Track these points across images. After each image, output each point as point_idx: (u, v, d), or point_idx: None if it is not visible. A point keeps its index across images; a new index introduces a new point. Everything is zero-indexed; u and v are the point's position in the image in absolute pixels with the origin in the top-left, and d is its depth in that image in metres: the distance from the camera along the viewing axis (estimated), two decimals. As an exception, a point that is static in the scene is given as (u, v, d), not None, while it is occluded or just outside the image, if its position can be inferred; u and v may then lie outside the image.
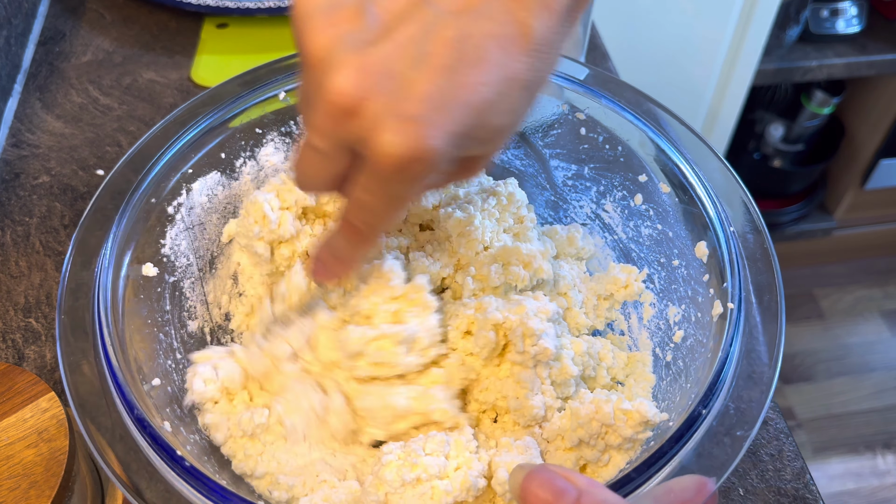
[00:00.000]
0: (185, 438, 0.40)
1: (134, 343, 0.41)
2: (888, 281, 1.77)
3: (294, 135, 0.52)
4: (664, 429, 0.40)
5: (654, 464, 0.35)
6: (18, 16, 0.74)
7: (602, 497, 0.28)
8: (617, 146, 0.51)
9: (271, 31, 0.78)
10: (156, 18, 0.80)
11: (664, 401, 0.43)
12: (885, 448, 1.50)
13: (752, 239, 0.44)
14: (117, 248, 0.43)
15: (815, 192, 1.70)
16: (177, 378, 0.43)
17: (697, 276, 0.45)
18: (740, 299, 0.41)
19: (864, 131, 1.57)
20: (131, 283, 0.43)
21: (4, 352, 0.54)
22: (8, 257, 0.59)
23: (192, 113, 0.49)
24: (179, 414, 0.42)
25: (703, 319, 0.43)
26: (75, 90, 0.72)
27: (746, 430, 0.37)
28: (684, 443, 0.36)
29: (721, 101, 1.31)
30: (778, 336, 0.40)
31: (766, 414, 0.37)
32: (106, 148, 0.67)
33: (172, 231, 0.47)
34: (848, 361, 1.63)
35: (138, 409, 0.37)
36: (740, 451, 0.36)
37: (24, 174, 0.65)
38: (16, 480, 0.37)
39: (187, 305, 0.47)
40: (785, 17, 1.29)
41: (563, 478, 0.29)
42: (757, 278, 0.43)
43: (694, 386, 0.40)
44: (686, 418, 0.36)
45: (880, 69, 1.38)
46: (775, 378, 0.39)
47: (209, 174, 0.49)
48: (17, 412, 0.40)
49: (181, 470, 0.35)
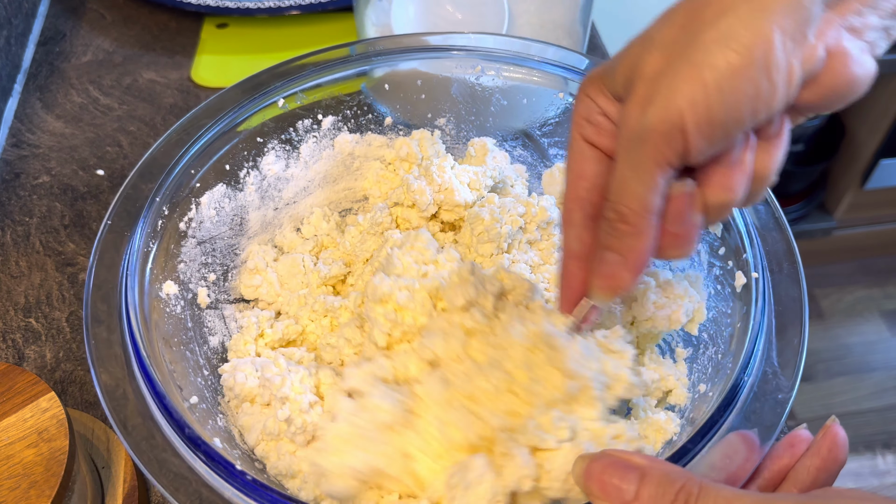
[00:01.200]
0: (232, 453, 0.40)
1: (168, 361, 0.41)
2: (888, 281, 1.77)
3: (294, 141, 0.52)
4: (703, 400, 0.41)
5: (707, 433, 0.36)
6: (19, 16, 0.74)
7: (665, 470, 0.29)
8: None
9: (271, 31, 0.78)
10: (156, 18, 0.80)
11: (695, 372, 0.45)
12: (885, 448, 1.50)
13: (763, 210, 0.46)
14: (139, 266, 0.42)
15: (815, 192, 1.70)
16: (209, 395, 0.43)
17: (712, 250, 0.46)
18: (762, 268, 0.42)
19: (863, 131, 1.57)
20: (154, 302, 0.43)
21: (4, 352, 0.54)
22: (8, 257, 0.59)
23: (195, 123, 0.49)
24: (218, 429, 0.42)
25: (723, 291, 0.45)
26: (75, 90, 0.72)
27: (786, 393, 0.38)
28: (732, 409, 0.37)
29: (721, 101, 1.31)
30: (801, 300, 0.41)
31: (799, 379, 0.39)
32: (106, 148, 0.67)
33: (186, 246, 0.47)
34: (848, 361, 1.63)
35: (190, 429, 0.36)
36: (784, 412, 0.37)
37: (24, 174, 0.65)
38: (16, 480, 0.37)
39: (206, 321, 0.47)
40: (785, 17, 1.29)
41: (625, 459, 0.30)
42: (773, 247, 0.44)
43: (726, 356, 0.42)
44: (731, 385, 0.38)
45: (880, 69, 1.38)
46: (804, 342, 0.40)
47: (215, 187, 0.49)
48: (17, 412, 0.40)
49: (241, 484, 0.34)
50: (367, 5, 0.62)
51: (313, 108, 0.52)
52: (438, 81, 0.54)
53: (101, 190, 0.64)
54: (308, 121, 0.52)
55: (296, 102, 0.51)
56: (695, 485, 0.28)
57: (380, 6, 0.62)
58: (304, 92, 0.51)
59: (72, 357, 0.53)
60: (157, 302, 0.43)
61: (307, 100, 0.52)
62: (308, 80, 0.51)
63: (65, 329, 0.55)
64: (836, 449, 0.34)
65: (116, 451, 0.47)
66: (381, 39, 0.54)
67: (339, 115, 0.53)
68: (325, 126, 0.53)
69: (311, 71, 0.51)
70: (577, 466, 0.31)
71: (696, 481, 0.28)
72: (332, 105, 0.53)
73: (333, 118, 0.53)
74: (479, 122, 0.55)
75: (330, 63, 0.52)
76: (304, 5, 0.76)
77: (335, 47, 0.53)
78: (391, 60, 0.53)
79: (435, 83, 0.54)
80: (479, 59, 0.52)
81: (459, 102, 0.55)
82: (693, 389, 0.44)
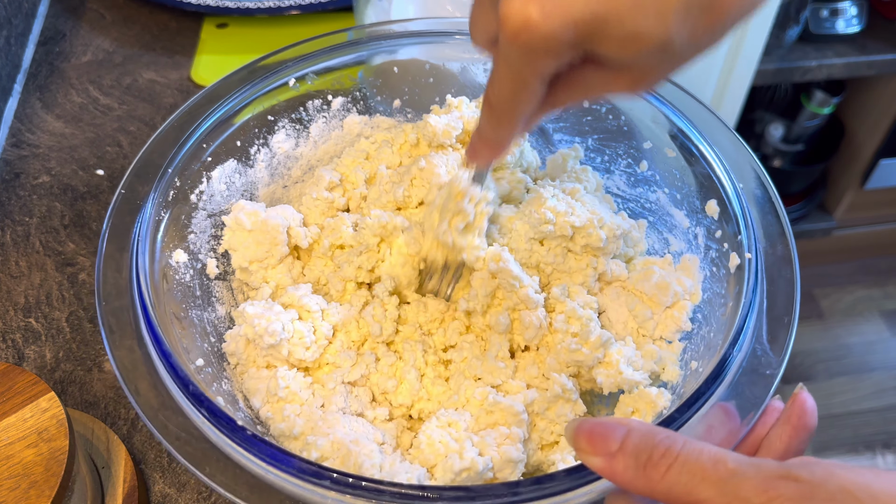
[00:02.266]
0: (235, 414, 0.41)
1: (175, 327, 0.43)
2: (888, 281, 1.77)
3: (304, 121, 0.53)
4: (694, 376, 0.43)
5: (694, 404, 0.37)
6: (18, 16, 0.74)
7: (650, 426, 0.30)
8: (620, 116, 0.52)
9: (271, 31, 0.78)
10: (156, 18, 0.80)
11: (688, 351, 0.46)
12: (885, 448, 1.50)
13: (759, 194, 0.47)
14: (149, 234, 0.44)
15: (815, 192, 1.70)
16: (214, 360, 0.44)
17: (709, 233, 0.47)
18: (756, 249, 0.43)
19: (863, 131, 1.57)
20: (163, 269, 0.44)
21: (4, 352, 0.54)
22: (8, 257, 0.59)
23: (209, 101, 0.50)
24: (222, 391, 0.43)
25: (717, 273, 0.46)
26: (75, 90, 0.72)
27: (774, 370, 0.39)
28: (720, 382, 0.38)
29: (721, 101, 1.31)
30: (794, 280, 0.43)
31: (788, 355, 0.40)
32: (106, 148, 0.67)
33: (196, 218, 0.48)
34: (847, 361, 1.63)
35: (194, 386, 0.37)
36: (771, 387, 0.38)
37: (24, 174, 0.65)
38: (16, 480, 0.37)
39: (214, 290, 0.48)
40: (785, 17, 1.29)
41: (614, 419, 0.31)
42: (768, 229, 0.45)
43: (718, 334, 0.43)
44: (719, 360, 0.39)
45: (880, 69, 1.38)
46: (795, 321, 0.41)
47: (226, 162, 0.50)
48: (17, 412, 0.40)
49: (241, 439, 0.35)
50: (367, 5, 0.63)
51: (323, 88, 0.54)
52: (446, 66, 0.55)
53: (101, 190, 0.64)
54: (318, 101, 0.54)
55: (307, 83, 0.53)
56: (678, 437, 0.29)
57: (380, 6, 0.62)
58: (314, 73, 0.53)
59: (72, 357, 0.53)
60: (167, 269, 0.45)
61: (318, 81, 0.53)
62: (318, 62, 0.53)
63: (65, 329, 0.55)
64: (804, 416, 0.35)
65: (116, 451, 0.47)
66: (390, 23, 0.55)
67: (348, 96, 0.54)
68: (335, 107, 0.54)
69: (321, 52, 0.53)
70: (569, 427, 0.32)
71: (679, 436, 0.29)
72: (341, 86, 0.54)
73: (343, 99, 0.54)
74: None
75: (339, 45, 0.53)
76: (303, 5, 0.76)
77: (341, 31, 0.54)
78: (397, 45, 0.54)
79: (443, 68, 0.55)
80: None
81: (467, 87, 0.55)
82: (685, 367, 0.45)
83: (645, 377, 0.44)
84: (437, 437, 0.41)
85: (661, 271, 0.47)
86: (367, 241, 0.47)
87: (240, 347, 0.45)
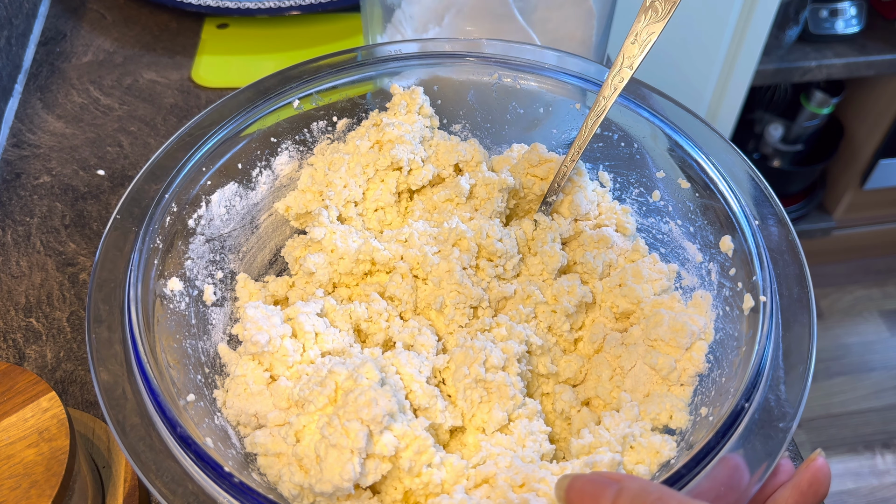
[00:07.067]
0: (226, 454, 0.39)
1: (167, 359, 0.41)
2: (887, 281, 1.77)
3: (308, 142, 0.52)
4: (704, 424, 0.40)
5: (702, 459, 0.35)
6: (19, 16, 0.74)
7: (643, 484, 0.29)
8: (632, 143, 0.51)
9: (272, 32, 0.78)
10: (156, 19, 0.80)
11: (698, 395, 0.44)
12: (884, 447, 1.50)
13: (776, 232, 0.45)
14: (144, 263, 0.42)
15: (815, 192, 1.70)
16: (207, 393, 0.43)
17: (722, 270, 0.46)
18: (772, 292, 0.41)
19: (863, 131, 1.58)
20: (158, 298, 0.43)
21: (5, 351, 0.54)
22: (9, 257, 0.59)
23: (209, 123, 0.49)
24: (214, 427, 0.41)
25: (731, 313, 0.44)
26: (76, 90, 0.72)
27: (788, 422, 0.36)
28: (730, 436, 0.36)
29: (720, 102, 1.31)
30: (811, 326, 0.40)
31: (802, 408, 0.37)
32: (107, 148, 0.67)
33: (194, 244, 0.47)
34: (847, 361, 1.64)
35: (181, 427, 0.36)
36: (784, 442, 0.36)
37: (24, 174, 0.65)
38: (17, 480, 0.38)
39: (211, 318, 0.47)
40: (784, 18, 1.29)
41: (607, 475, 0.30)
42: (785, 270, 0.43)
43: (730, 380, 0.41)
44: (731, 412, 0.36)
45: (879, 69, 1.38)
46: (811, 368, 0.39)
47: (227, 185, 0.49)
48: (17, 412, 0.40)
49: (229, 486, 0.34)
50: (381, 31, 0.61)
51: (328, 109, 0.53)
52: (455, 87, 0.54)
53: (102, 190, 0.64)
54: (322, 122, 0.53)
55: (311, 104, 0.51)
56: (671, 497, 0.28)
57: (395, 31, 0.61)
58: (319, 94, 0.52)
59: (72, 357, 0.54)
60: (160, 299, 0.43)
61: (323, 101, 0.52)
62: (323, 83, 0.52)
63: (65, 329, 0.55)
64: (816, 483, 0.34)
65: (117, 451, 0.47)
66: (400, 43, 0.54)
67: (353, 117, 0.53)
68: (340, 128, 0.53)
69: (327, 73, 0.52)
70: (560, 484, 0.31)
71: (673, 495, 0.28)
72: (347, 107, 0.53)
73: (348, 120, 0.53)
74: (494, 129, 0.55)
75: (345, 65, 0.52)
76: (304, 6, 0.76)
77: (349, 51, 0.53)
78: (408, 66, 0.53)
79: (451, 89, 0.54)
80: (497, 66, 0.52)
81: (475, 109, 0.55)
82: (695, 412, 0.43)
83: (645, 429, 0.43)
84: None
85: (669, 312, 0.45)
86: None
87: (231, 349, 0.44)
